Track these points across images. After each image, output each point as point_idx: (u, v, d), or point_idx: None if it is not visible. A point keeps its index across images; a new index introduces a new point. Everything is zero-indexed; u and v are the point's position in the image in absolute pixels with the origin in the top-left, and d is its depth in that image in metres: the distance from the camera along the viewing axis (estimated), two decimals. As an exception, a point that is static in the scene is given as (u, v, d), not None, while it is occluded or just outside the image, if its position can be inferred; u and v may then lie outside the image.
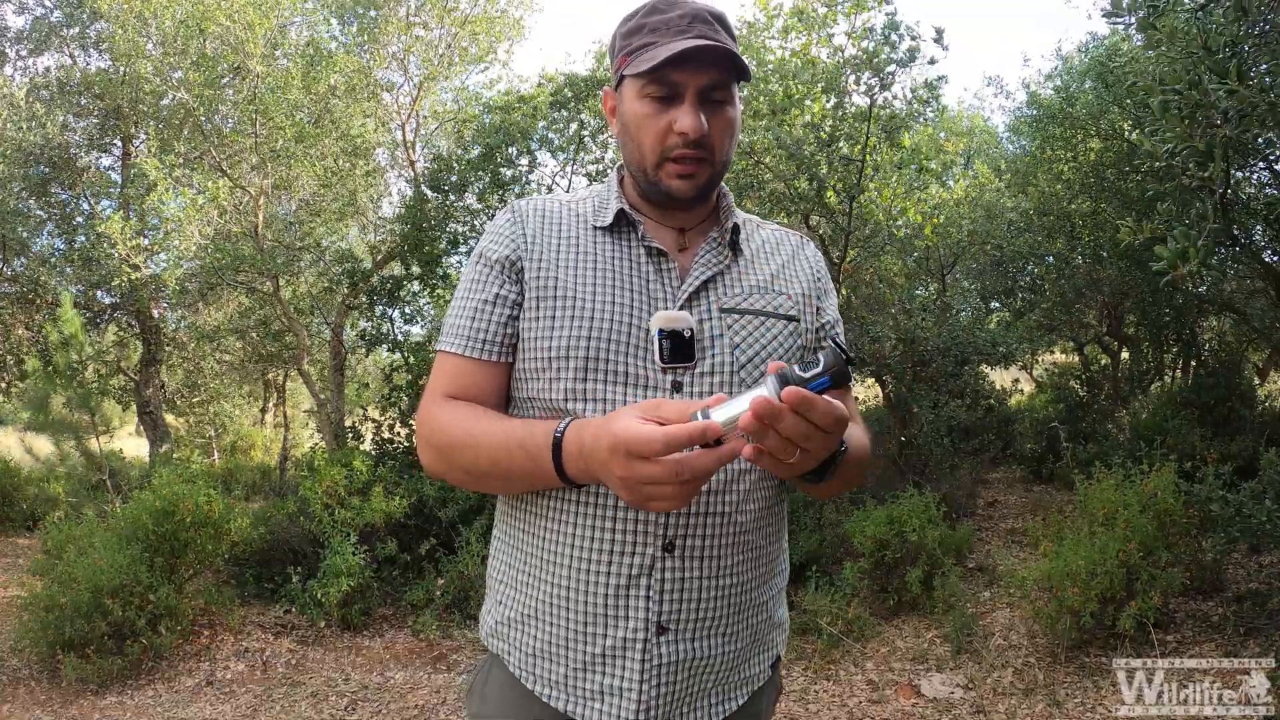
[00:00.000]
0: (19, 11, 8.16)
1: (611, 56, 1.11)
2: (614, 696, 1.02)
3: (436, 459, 1.05)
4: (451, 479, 1.07)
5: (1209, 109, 2.32)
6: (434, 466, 1.07)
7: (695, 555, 1.01)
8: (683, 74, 1.01)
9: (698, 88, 1.02)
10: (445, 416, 1.04)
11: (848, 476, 1.07)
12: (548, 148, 6.98)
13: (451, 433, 1.03)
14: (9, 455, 8.25)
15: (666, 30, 1.02)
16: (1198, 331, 7.77)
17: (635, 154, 1.07)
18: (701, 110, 1.03)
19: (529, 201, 1.14)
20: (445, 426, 1.03)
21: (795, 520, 4.93)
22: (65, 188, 8.18)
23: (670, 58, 0.99)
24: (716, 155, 1.06)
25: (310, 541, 5.04)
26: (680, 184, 1.05)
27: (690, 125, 1.01)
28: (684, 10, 1.03)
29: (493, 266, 1.09)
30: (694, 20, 1.02)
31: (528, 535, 1.08)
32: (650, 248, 1.08)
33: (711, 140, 1.04)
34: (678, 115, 1.02)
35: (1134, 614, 3.52)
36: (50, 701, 3.89)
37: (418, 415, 1.10)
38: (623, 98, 1.08)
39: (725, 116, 1.05)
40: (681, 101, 1.03)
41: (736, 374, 1.04)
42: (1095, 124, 5.92)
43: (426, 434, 1.06)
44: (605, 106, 1.15)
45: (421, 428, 1.08)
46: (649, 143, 1.05)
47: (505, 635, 1.10)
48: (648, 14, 1.05)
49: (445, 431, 1.03)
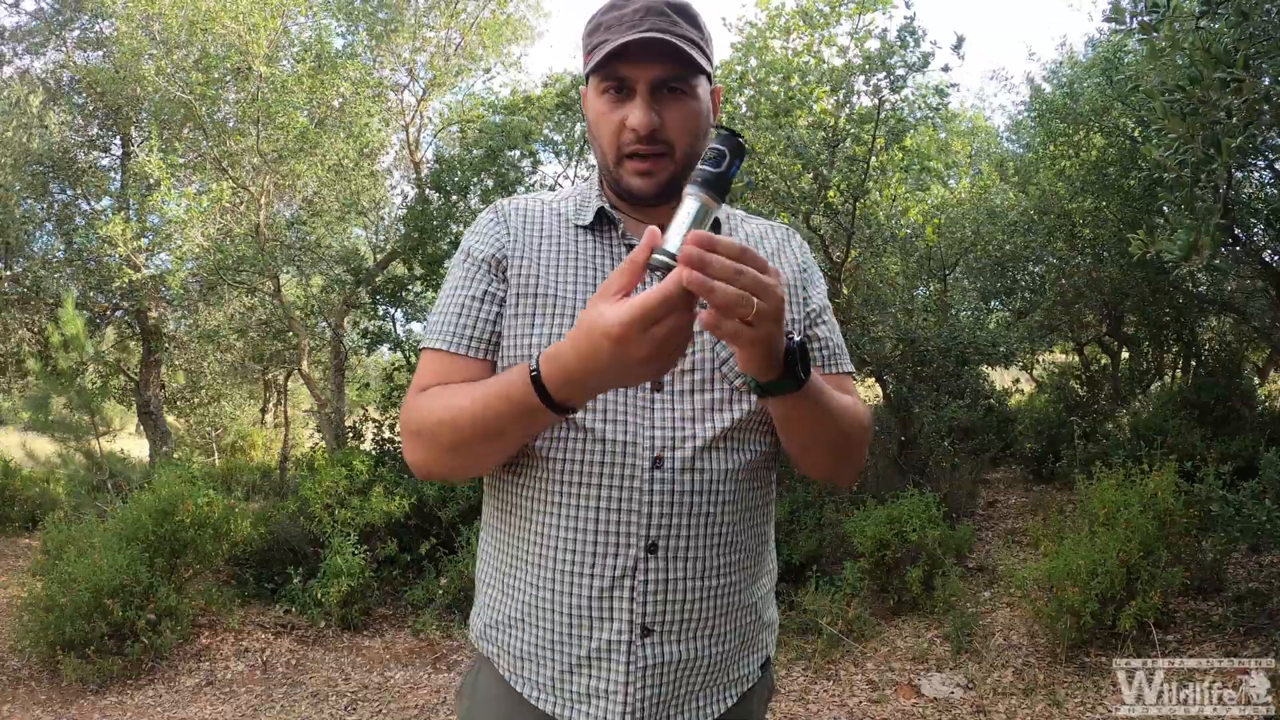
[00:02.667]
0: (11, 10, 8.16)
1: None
2: (600, 699, 1.02)
3: (420, 447, 1.02)
4: (439, 466, 1.03)
5: (1210, 107, 2.32)
6: (418, 456, 1.03)
7: (679, 556, 1.01)
8: (632, 68, 1.00)
9: (649, 81, 1.00)
10: (423, 401, 1.02)
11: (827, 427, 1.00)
12: (551, 149, 6.99)
13: (429, 413, 1.00)
14: (9, 456, 8.26)
15: (619, 25, 1.00)
16: (1198, 331, 7.76)
17: (598, 152, 1.07)
18: (657, 104, 1.01)
19: (511, 201, 1.14)
20: (422, 409, 1.01)
21: (795, 520, 4.92)
22: (64, 188, 8.18)
23: (614, 50, 0.98)
24: (676, 149, 1.03)
25: (310, 541, 5.04)
26: (639, 182, 1.04)
27: (639, 120, 1.00)
28: (639, 5, 1.01)
29: (480, 264, 1.08)
30: (647, 14, 1.00)
31: (512, 538, 1.07)
32: (630, 245, 1.08)
33: (668, 134, 1.02)
34: (629, 110, 1.01)
35: (1134, 614, 3.52)
36: (50, 701, 3.89)
37: (400, 414, 1.09)
38: (587, 96, 1.08)
39: (684, 108, 1.03)
40: (634, 96, 1.01)
41: (718, 370, 1.03)
42: (1099, 120, 5.91)
43: (408, 424, 1.04)
44: (583, 108, 1.14)
45: (404, 424, 1.05)
46: (606, 140, 1.05)
47: (494, 638, 1.10)
48: (605, 11, 1.04)
49: (423, 414, 1.00)
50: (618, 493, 1.00)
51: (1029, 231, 6.97)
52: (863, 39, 5.51)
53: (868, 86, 5.47)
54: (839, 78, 5.49)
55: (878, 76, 5.36)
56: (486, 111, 7.25)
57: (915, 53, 5.23)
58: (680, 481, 1.00)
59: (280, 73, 6.31)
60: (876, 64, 5.29)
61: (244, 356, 9.70)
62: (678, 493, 1.00)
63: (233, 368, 10.36)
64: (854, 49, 5.53)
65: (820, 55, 5.68)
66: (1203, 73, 2.27)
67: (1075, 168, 6.43)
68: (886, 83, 5.30)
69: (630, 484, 1.00)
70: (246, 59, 6.11)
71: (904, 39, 5.20)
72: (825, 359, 1.15)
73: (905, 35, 5.20)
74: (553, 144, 6.99)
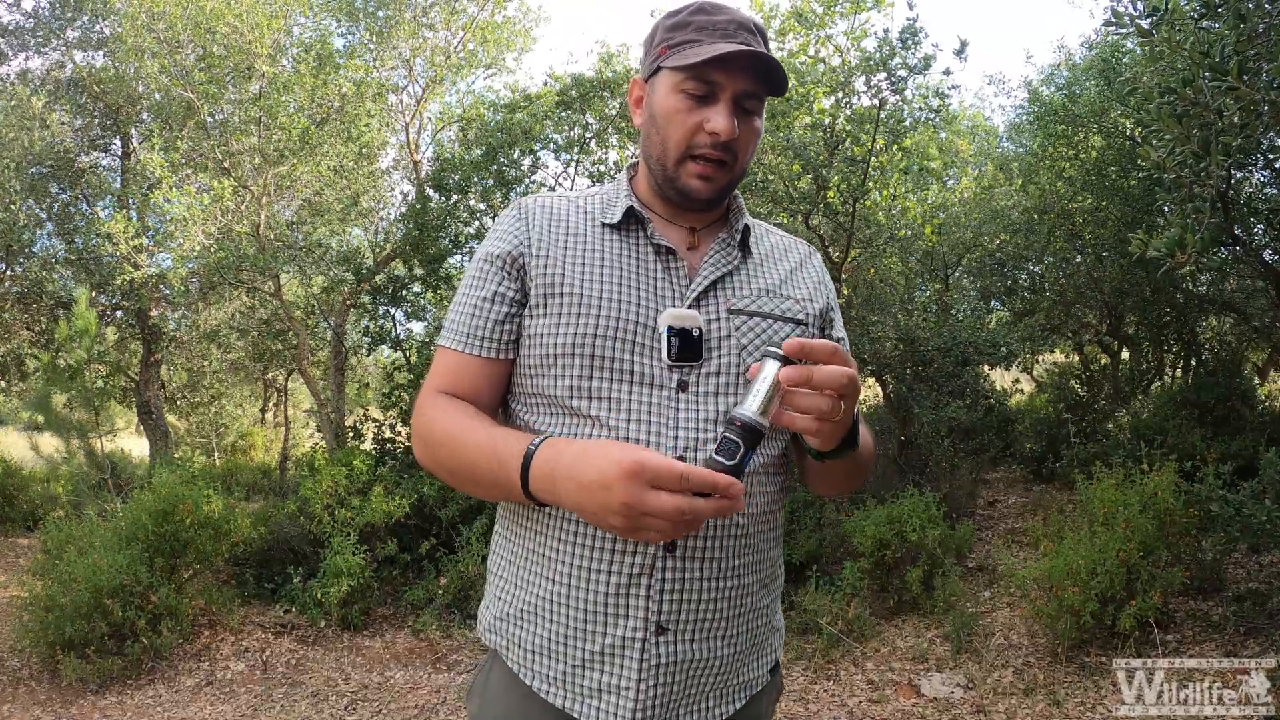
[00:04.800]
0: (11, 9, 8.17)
1: (648, 48, 1.11)
2: (612, 694, 1.02)
3: (423, 452, 1.07)
4: (437, 475, 1.08)
5: (1204, 108, 2.32)
6: (422, 459, 1.08)
7: (696, 557, 1.01)
8: (724, 76, 1.02)
9: (735, 92, 1.03)
10: (435, 413, 1.05)
11: (856, 468, 1.08)
12: (551, 147, 6.98)
13: (436, 429, 1.03)
14: (9, 455, 8.26)
15: (713, 31, 1.03)
16: (1198, 331, 7.76)
17: (659, 147, 1.07)
18: (736, 115, 1.04)
19: (535, 199, 1.14)
20: (432, 422, 1.04)
21: (795, 520, 4.92)
22: (65, 188, 8.18)
23: (717, 57, 1.00)
24: (739, 162, 1.06)
25: (310, 541, 5.04)
26: (699, 184, 1.06)
27: (724, 126, 1.02)
28: (731, 16, 1.04)
29: (493, 263, 1.09)
30: (740, 27, 1.03)
31: (530, 531, 1.08)
32: (659, 245, 1.08)
33: (737, 146, 1.05)
34: (711, 115, 1.03)
35: (1134, 614, 3.52)
36: (50, 701, 3.89)
37: (414, 408, 1.11)
38: (655, 89, 1.08)
39: (753, 126, 1.06)
40: (716, 102, 1.03)
41: (742, 375, 1.04)
42: (1097, 121, 5.91)
43: (417, 427, 1.08)
44: (631, 96, 1.15)
45: (413, 422, 1.09)
46: (676, 137, 1.05)
47: (504, 631, 1.10)
48: (695, 12, 1.06)
49: (431, 427, 1.04)
50: None
51: (1029, 231, 6.98)
52: (859, 38, 5.51)
53: (867, 87, 5.46)
54: (837, 78, 5.48)
55: (878, 77, 5.36)
56: (487, 110, 7.26)
57: (916, 54, 5.22)
58: None
59: (283, 72, 6.31)
60: (876, 64, 5.28)
61: (244, 356, 9.71)
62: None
63: (233, 367, 10.37)
64: (852, 49, 5.53)
65: (817, 56, 5.67)
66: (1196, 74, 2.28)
67: (1075, 169, 6.43)
68: (887, 83, 5.30)
69: None
70: (249, 58, 6.11)
71: (905, 40, 5.20)
72: None
73: (906, 37, 5.19)
74: (553, 143, 6.98)
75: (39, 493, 7.71)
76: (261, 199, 6.64)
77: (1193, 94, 2.28)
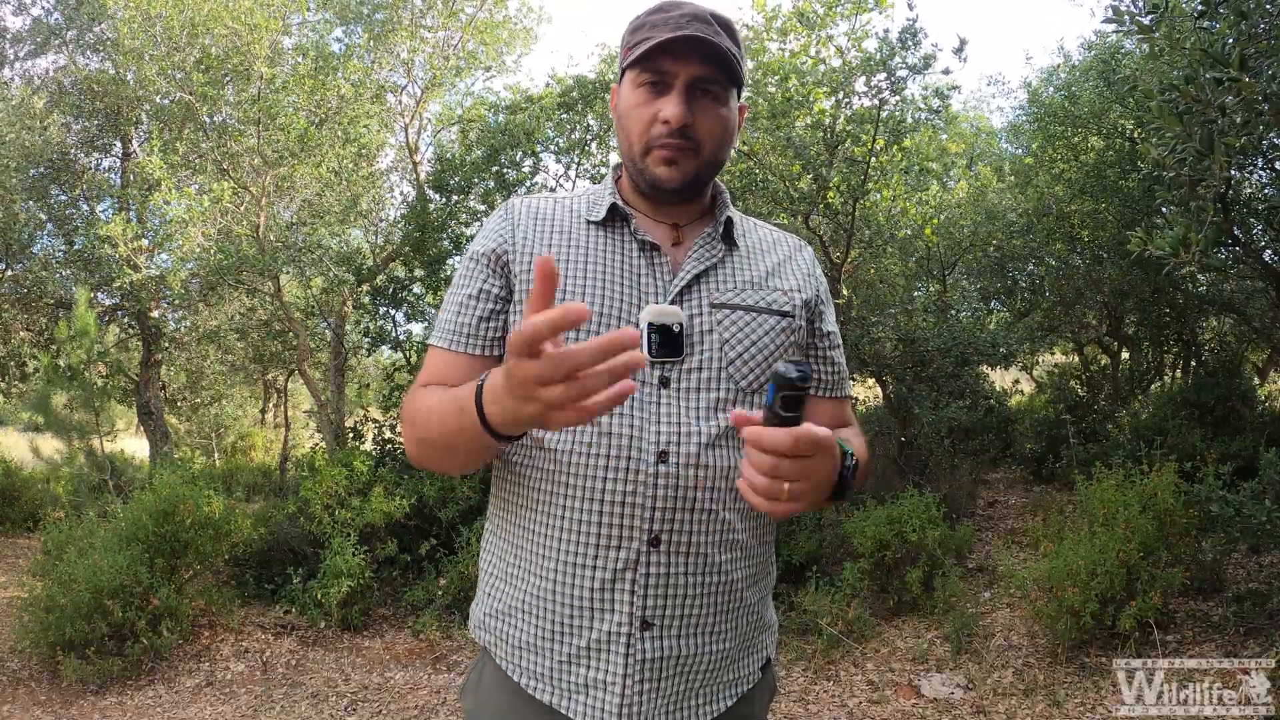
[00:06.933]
0: (17, 11, 8.18)
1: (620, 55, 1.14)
2: (598, 690, 1.02)
3: (409, 434, 1.06)
4: (425, 459, 1.04)
5: (1205, 105, 2.32)
6: (409, 445, 1.07)
7: (681, 551, 1.02)
8: (673, 63, 1.03)
9: (688, 78, 1.03)
10: (417, 400, 1.05)
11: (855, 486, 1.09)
12: (551, 149, 6.98)
13: (419, 412, 1.03)
14: (10, 456, 8.26)
15: (664, 25, 1.04)
16: (1198, 332, 7.77)
17: (626, 144, 1.09)
18: (692, 103, 1.04)
19: (522, 199, 1.16)
20: (415, 409, 1.04)
21: (795, 520, 4.92)
22: (65, 190, 8.19)
23: (660, 44, 1.01)
24: (704, 148, 1.06)
25: (310, 542, 5.04)
26: (664, 170, 1.06)
27: (673, 113, 1.02)
28: (685, 11, 1.05)
29: (479, 261, 1.10)
30: (693, 19, 1.04)
31: (517, 528, 1.08)
32: (643, 241, 1.09)
33: (697, 132, 1.05)
34: (663, 104, 1.04)
35: (1134, 614, 3.52)
36: (50, 702, 3.89)
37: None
38: (621, 90, 1.11)
39: (715, 112, 1.06)
40: (669, 92, 1.04)
41: (725, 369, 1.04)
42: (1097, 122, 5.91)
43: (403, 414, 1.08)
44: (611, 104, 1.17)
45: (402, 413, 1.10)
46: (636, 131, 1.06)
47: (492, 627, 1.11)
48: (651, 13, 1.08)
49: (414, 413, 1.04)
50: (622, 486, 1.00)
51: (1028, 232, 6.98)
52: (860, 38, 5.51)
53: (868, 88, 5.46)
54: (837, 79, 5.48)
55: (878, 77, 5.36)
56: (488, 111, 7.26)
57: (916, 55, 5.22)
58: (684, 477, 1.01)
59: (281, 73, 6.31)
60: (877, 65, 5.28)
61: (244, 357, 9.71)
62: (682, 488, 1.01)
63: (233, 368, 10.37)
64: (852, 50, 5.53)
65: (818, 56, 5.67)
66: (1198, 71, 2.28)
67: (1074, 171, 6.43)
68: (887, 84, 5.30)
69: (635, 478, 1.00)
70: (247, 60, 6.11)
71: (905, 40, 5.20)
72: (834, 384, 1.19)
73: (907, 37, 5.20)
74: (554, 144, 6.98)
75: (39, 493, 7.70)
76: (261, 200, 6.64)
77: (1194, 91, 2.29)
